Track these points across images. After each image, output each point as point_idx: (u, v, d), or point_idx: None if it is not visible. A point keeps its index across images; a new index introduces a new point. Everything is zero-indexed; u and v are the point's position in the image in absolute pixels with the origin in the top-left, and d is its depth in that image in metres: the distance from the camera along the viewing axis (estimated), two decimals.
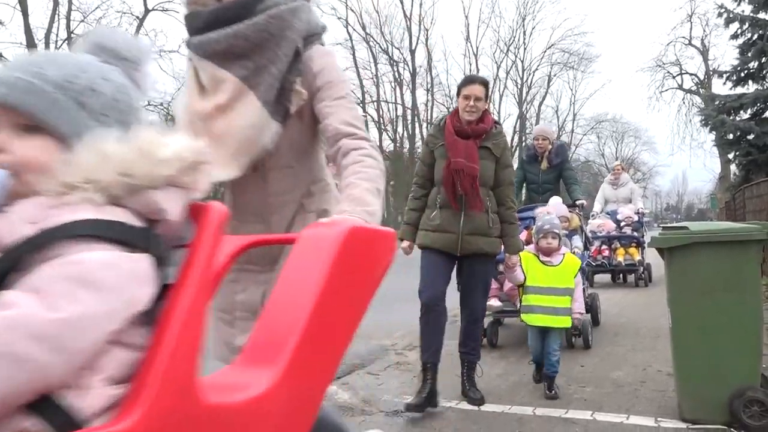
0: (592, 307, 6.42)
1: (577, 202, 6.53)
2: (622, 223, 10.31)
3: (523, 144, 48.83)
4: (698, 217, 70.61)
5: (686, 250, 3.49)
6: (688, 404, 3.54)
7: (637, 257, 10.21)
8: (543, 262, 4.21)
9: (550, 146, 6.75)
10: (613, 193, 10.81)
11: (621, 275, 11.12)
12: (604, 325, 6.76)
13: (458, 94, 4.05)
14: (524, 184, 6.94)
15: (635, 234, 10.30)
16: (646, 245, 9.73)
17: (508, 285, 5.17)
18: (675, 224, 4.04)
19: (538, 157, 6.78)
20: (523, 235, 4.85)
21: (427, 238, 3.94)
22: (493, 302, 5.28)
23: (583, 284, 5.33)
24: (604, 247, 10.29)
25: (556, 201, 5.98)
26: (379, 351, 5.52)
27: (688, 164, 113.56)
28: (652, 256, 11.64)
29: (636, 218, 10.35)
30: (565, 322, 4.15)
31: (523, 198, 7.21)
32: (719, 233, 3.49)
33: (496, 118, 4.25)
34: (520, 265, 4.11)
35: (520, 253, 4.06)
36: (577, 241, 5.91)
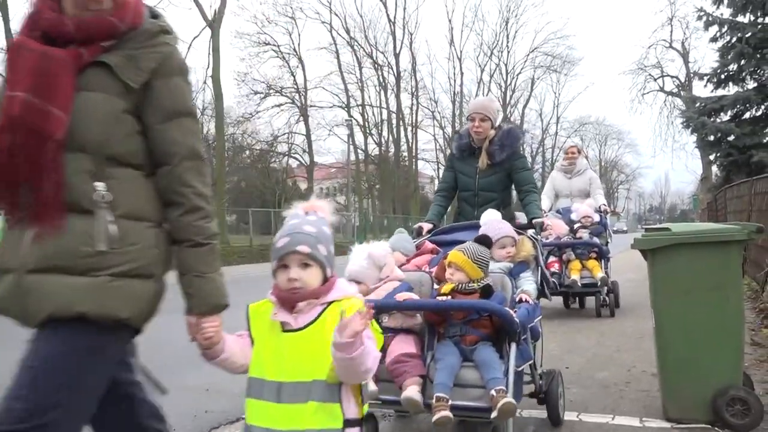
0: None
1: (535, 221, 3.94)
2: (578, 225, 7.53)
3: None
4: (681, 217, 71.33)
5: (669, 251, 3.54)
6: (672, 404, 3.58)
7: (599, 273, 7.16)
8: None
9: (492, 132, 4.21)
10: (566, 183, 8.15)
11: (577, 299, 8.27)
12: (590, 326, 6.81)
13: None
14: (455, 193, 4.49)
15: (595, 240, 7.43)
16: (610, 256, 7.63)
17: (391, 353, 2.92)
18: (658, 225, 4.07)
19: (475, 150, 4.28)
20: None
21: None
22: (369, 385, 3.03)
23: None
24: (552, 259, 7.40)
25: (490, 216, 3.74)
26: None
27: (671, 166, 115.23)
28: (625, 269, 11.42)
29: (597, 218, 7.63)
30: None
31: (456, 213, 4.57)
32: (701, 234, 3.53)
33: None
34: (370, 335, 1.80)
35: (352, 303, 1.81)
36: (528, 282, 3.36)
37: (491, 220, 3.64)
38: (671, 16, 38.74)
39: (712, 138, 17.08)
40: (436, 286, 3.22)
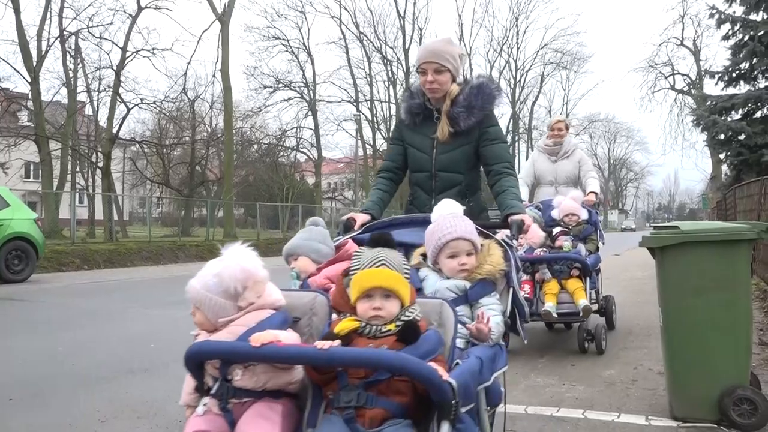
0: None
1: (512, 219, 2.73)
2: (558, 230, 5.61)
3: (517, 138, 48.80)
4: (689, 216, 70.96)
5: (677, 250, 3.52)
6: (678, 402, 3.57)
7: (581, 301, 5.17)
8: None
9: (455, 88, 3.05)
10: (550, 168, 6.31)
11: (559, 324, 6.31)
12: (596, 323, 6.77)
13: None
14: (404, 174, 3.34)
15: (579, 251, 5.46)
16: (600, 268, 5.88)
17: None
18: (666, 224, 4.05)
19: (432, 115, 3.13)
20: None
21: None
22: None
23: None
24: (523, 279, 5.31)
25: (443, 208, 2.48)
26: None
27: (680, 164, 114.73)
28: (633, 266, 11.19)
29: (584, 214, 5.73)
30: None
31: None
32: (710, 233, 3.51)
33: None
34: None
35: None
36: (491, 311, 2.23)
37: (444, 215, 2.39)
38: (683, 14, 38.58)
39: (722, 137, 16.95)
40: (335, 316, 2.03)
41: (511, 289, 2.36)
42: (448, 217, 2.40)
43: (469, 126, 3.02)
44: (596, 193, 6.00)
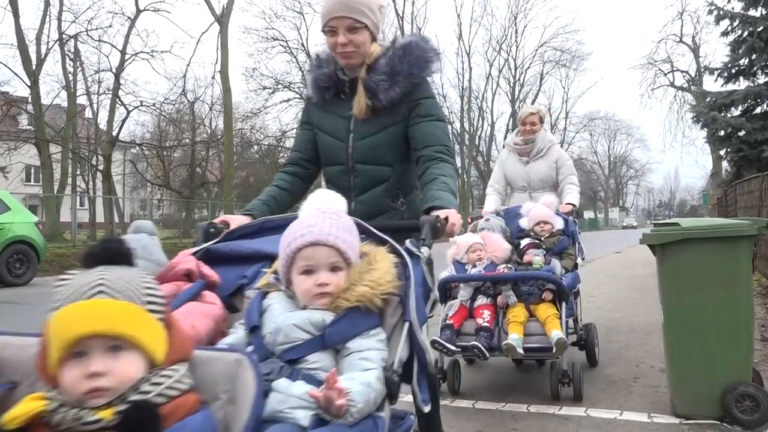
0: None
1: (424, 218, 1.96)
2: (526, 243, 4.35)
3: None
4: (690, 213, 71.02)
5: (678, 247, 3.51)
6: (680, 400, 3.57)
7: (555, 333, 3.82)
8: None
9: (376, 49, 2.35)
10: (521, 171, 5.23)
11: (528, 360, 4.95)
12: (597, 321, 6.77)
13: None
14: (316, 168, 2.62)
15: (553, 269, 4.17)
16: (578, 290, 4.64)
17: None
18: (667, 221, 4.05)
19: (345, 86, 2.40)
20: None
21: None
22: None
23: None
24: (482, 302, 4.09)
25: (318, 200, 1.78)
26: None
27: (680, 161, 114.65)
28: (633, 264, 11.24)
29: (559, 223, 4.56)
30: None
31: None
32: (711, 229, 3.51)
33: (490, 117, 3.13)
34: None
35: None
36: (368, 355, 1.49)
37: (311, 211, 1.69)
38: (682, 11, 38.65)
39: (722, 133, 16.93)
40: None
41: (406, 326, 1.54)
42: (314, 213, 1.65)
43: (393, 99, 2.28)
44: (574, 205, 4.85)
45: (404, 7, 41.92)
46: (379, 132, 2.35)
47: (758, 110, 16.91)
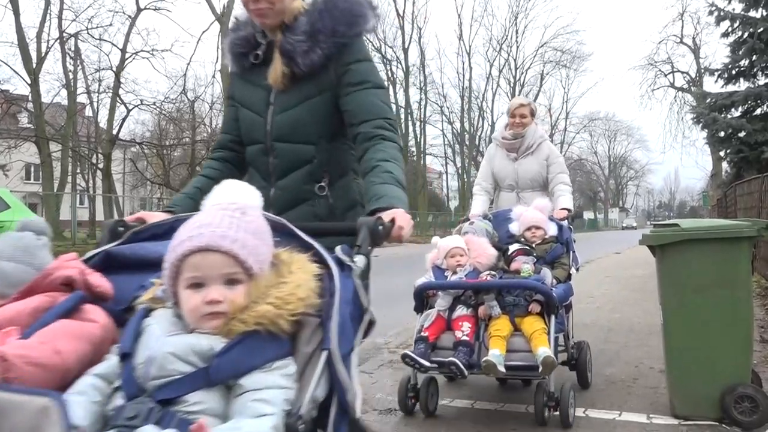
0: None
1: (362, 220, 1.55)
2: (514, 249, 3.85)
3: None
4: (690, 214, 71.01)
5: (678, 247, 3.51)
6: (679, 401, 3.56)
7: (542, 350, 3.29)
8: None
9: (298, 8, 2.00)
10: (509, 168, 4.73)
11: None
12: (596, 321, 6.78)
13: None
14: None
15: (543, 276, 3.66)
16: (571, 302, 4.07)
17: None
18: (667, 221, 4.05)
19: (263, 50, 2.04)
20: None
21: None
22: None
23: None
24: (461, 313, 3.62)
25: (225, 193, 1.49)
26: (372, 349, 5.52)
27: (680, 162, 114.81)
28: (633, 265, 11.22)
29: (552, 229, 4.08)
30: None
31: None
32: (710, 230, 3.51)
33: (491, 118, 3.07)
34: None
35: None
36: (266, 396, 1.13)
37: (212, 207, 1.38)
38: (682, 11, 38.85)
39: (722, 134, 16.95)
40: None
41: (323, 355, 1.21)
42: (211, 210, 1.31)
43: (314, 64, 1.92)
44: (569, 210, 4.33)
45: (404, 7, 42.07)
46: (301, 104, 1.96)
47: (758, 111, 16.93)
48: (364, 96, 1.94)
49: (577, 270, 4.20)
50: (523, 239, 4.02)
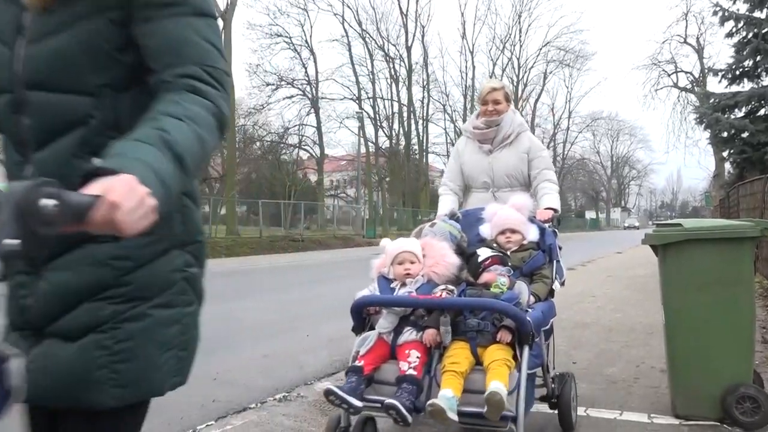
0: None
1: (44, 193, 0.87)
2: (485, 258, 2.96)
3: None
4: (692, 214, 70.93)
5: (680, 247, 3.51)
6: (681, 400, 3.56)
7: (494, 383, 2.45)
8: None
9: None
10: (482, 163, 3.97)
11: None
12: (598, 321, 6.78)
13: None
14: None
15: (518, 292, 2.81)
16: (552, 326, 3.19)
17: None
18: (669, 221, 4.04)
19: None
20: None
21: None
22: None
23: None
24: (409, 338, 2.76)
25: None
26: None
27: (683, 162, 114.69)
28: (635, 264, 11.08)
29: (532, 233, 3.30)
30: None
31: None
32: (713, 230, 3.50)
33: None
34: None
35: None
36: None
37: None
38: (686, 11, 38.68)
39: (725, 134, 16.92)
40: None
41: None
42: None
43: None
44: (555, 211, 3.66)
45: (408, 5, 42.02)
46: (69, 29, 1.20)
47: (762, 112, 16.88)
48: (174, 26, 1.21)
49: (562, 284, 3.24)
50: (495, 245, 3.24)
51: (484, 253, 3.00)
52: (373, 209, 40.07)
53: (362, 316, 2.90)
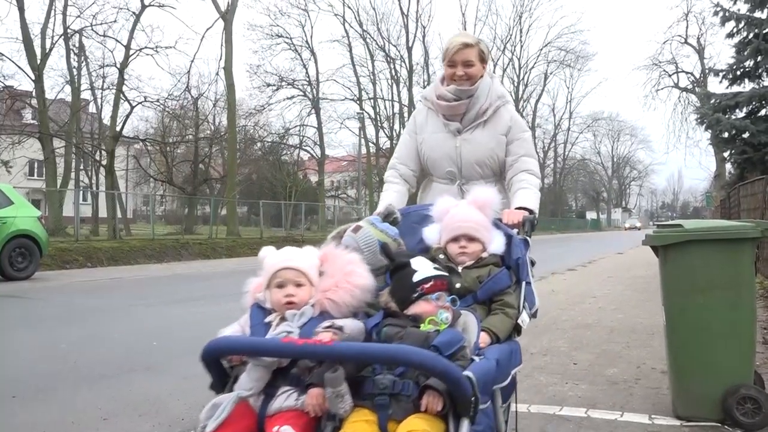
0: None
1: None
2: (423, 280, 1.97)
3: None
4: (693, 215, 70.86)
5: (681, 248, 3.50)
6: (681, 401, 3.56)
7: None
8: None
9: None
10: (447, 146, 2.89)
11: None
12: (599, 322, 6.77)
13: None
14: None
15: (462, 328, 1.91)
16: (515, 379, 2.14)
17: None
18: (670, 222, 4.04)
19: None
20: None
21: None
22: None
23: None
24: (286, 405, 1.76)
25: None
26: None
27: (684, 162, 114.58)
28: (635, 265, 10.97)
29: (496, 244, 2.36)
30: None
31: None
32: (714, 231, 3.50)
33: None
34: None
35: None
36: None
37: None
38: (687, 11, 38.64)
39: (726, 135, 16.88)
40: None
41: None
42: None
43: None
44: (531, 212, 2.67)
45: (409, 5, 41.95)
46: None
47: (763, 112, 16.86)
48: None
49: (533, 316, 2.32)
50: (443, 256, 2.35)
51: (423, 269, 2.02)
52: (374, 210, 40.01)
53: (221, 367, 1.92)
